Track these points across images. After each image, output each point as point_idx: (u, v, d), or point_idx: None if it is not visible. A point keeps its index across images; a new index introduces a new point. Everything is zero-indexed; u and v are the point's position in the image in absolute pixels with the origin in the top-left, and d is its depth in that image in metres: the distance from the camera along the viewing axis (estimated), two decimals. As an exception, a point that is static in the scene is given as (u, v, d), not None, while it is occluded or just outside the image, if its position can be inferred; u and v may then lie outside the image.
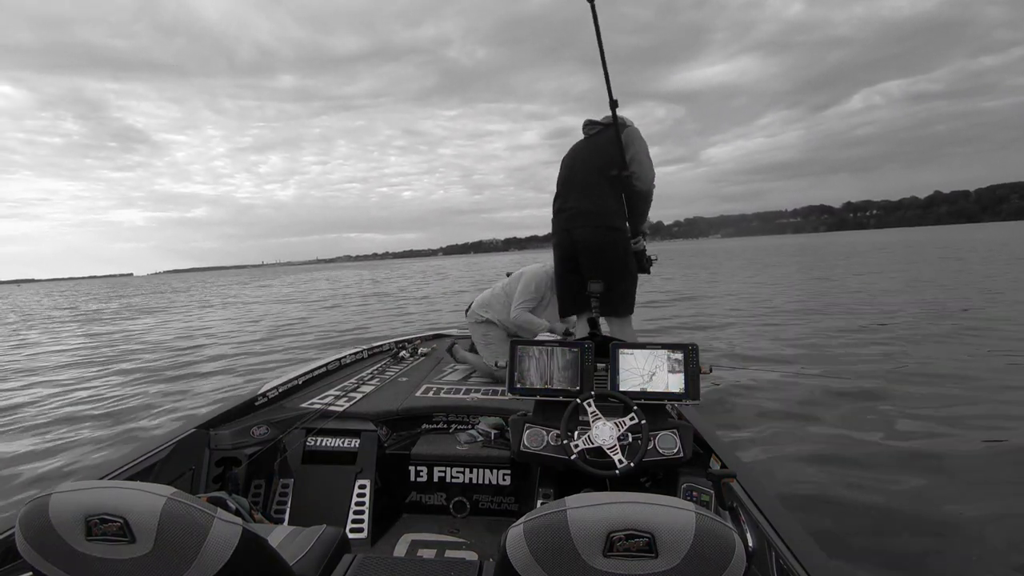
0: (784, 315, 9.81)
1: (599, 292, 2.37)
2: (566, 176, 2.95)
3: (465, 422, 2.57)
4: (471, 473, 2.35)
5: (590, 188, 2.81)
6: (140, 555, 0.86)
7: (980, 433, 3.72)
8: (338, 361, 3.42)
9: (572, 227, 2.83)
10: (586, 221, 2.80)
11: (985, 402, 4.36)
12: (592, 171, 2.81)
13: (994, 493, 2.91)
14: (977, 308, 9.03)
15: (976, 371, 5.25)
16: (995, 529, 2.56)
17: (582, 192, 2.84)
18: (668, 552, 0.76)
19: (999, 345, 6.31)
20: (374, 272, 53.76)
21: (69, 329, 15.08)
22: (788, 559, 1.23)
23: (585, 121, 2.98)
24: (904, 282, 14.09)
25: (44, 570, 0.89)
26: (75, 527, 0.85)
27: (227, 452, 2.19)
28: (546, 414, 1.87)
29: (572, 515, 0.79)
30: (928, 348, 6.43)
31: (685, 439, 1.76)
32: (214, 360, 8.03)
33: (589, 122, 2.95)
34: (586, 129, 2.95)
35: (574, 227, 2.83)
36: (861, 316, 9.02)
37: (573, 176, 2.91)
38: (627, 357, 1.89)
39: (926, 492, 2.94)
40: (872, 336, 7.32)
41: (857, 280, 15.48)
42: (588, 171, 2.84)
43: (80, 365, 8.44)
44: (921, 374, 5.30)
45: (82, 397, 6.16)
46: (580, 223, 2.81)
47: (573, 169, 2.93)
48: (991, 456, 3.35)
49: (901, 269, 18.48)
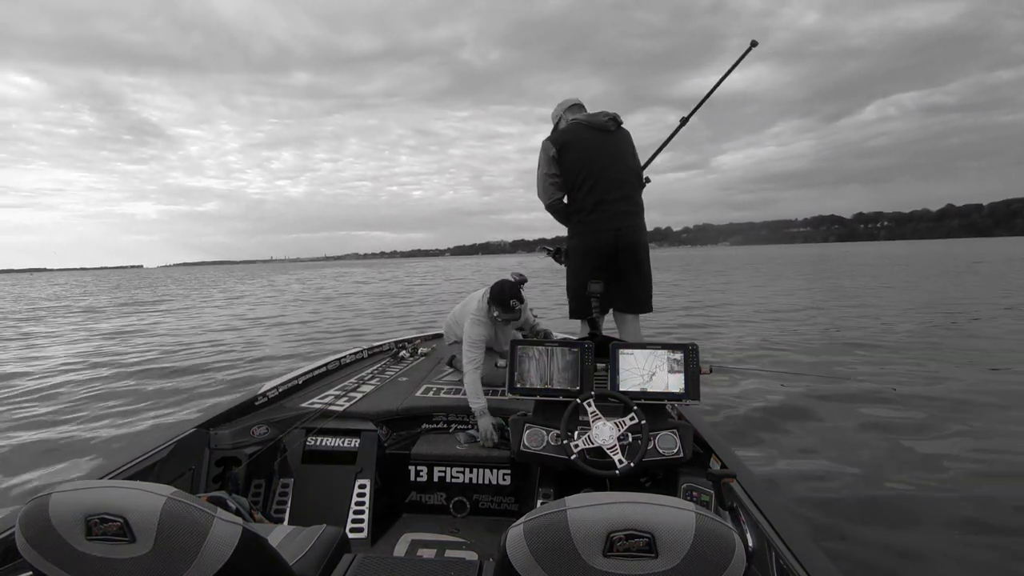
0: (788, 316, 9.82)
1: (599, 292, 2.37)
2: (597, 170, 2.63)
3: (465, 422, 2.57)
4: (471, 473, 2.35)
5: (629, 185, 2.66)
6: (140, 555, 0.86)
7: (982, 431, 3.73)
8: (338, 361, 3.42)
9: (623, 225, 2.61)
10: (635, 221, 2.66)
11: (989, 405, 4.37)
12: (627, 169, 2.67)
13: (994, 493, 2.91)
14: (988, 318, 9.04)
15: (983, 380, 5.24)
16: (996, 529, 2.57)
17: (622, 188, 2.64)
18: (668, 552, 0.76)
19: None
20: (380, 272, 53.61)
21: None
22: (788, 559, 1.23)
23: (601, 112, 2.71)
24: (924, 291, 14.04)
25: (44, 569, 0.89)
26: (75, 527, 0.85)
27: (227, 452, 2.19)
28: (546, 414, 1.87)
29: (572, 515, 0.79)
30: (935, 355, 6.43)
31: (685, 439, 1.75)
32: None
33: (607, 115, 2.69)
34: (606, 123, 2.66)
35: (624, 225, 2.61)
36: (866, 321, 9.04)
37: (607, 171, 2.64)
38: (627, 357, 1.89)
39: (926, 491, 2.94)
40: (878, 341, 7.33)
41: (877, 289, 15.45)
42: (622, 168, 2.66)
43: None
44: (924, 376, 5.31)
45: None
46: (629, 222, 2.64)
47: (603, 163, 2.64)
48: (992, 457, 3.36)
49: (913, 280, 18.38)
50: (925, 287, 15.42)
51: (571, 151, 2.63)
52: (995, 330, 7.81)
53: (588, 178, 2.60)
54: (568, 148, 2.63)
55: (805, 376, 5.51)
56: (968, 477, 3.11)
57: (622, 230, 2.58)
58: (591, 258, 2.64)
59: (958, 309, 10.18)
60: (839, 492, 2.98)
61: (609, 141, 2.65)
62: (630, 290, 2.65)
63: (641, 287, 2.67)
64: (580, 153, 2.62)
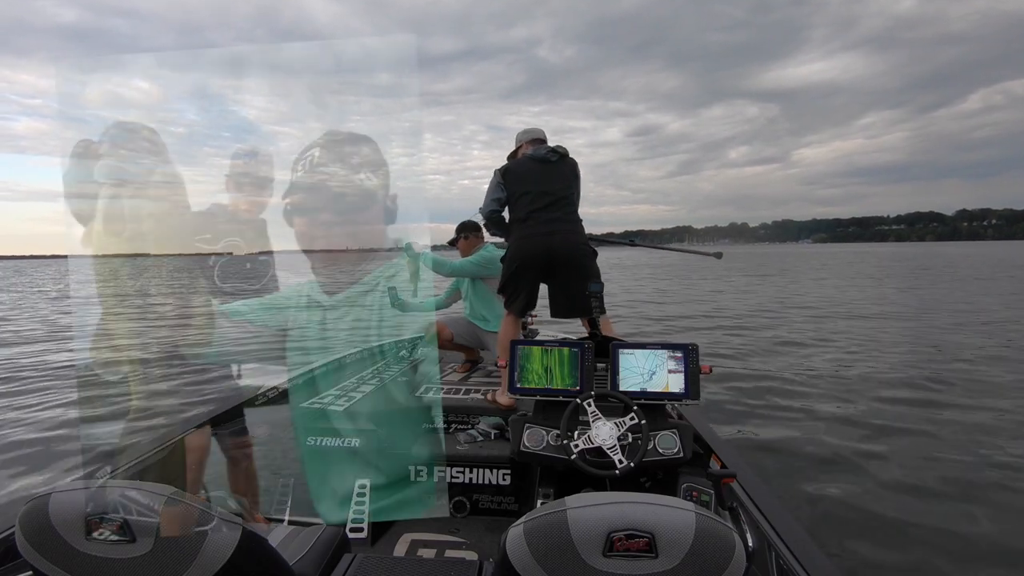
0: (792, 317, 9.81)
1: (599, 292, 2.38)
2: (533, 188, 2.91)
3: (465, 422, 2.57)
4: (471, 473, 2.35)
5: (564, 201, 2.90)
6: (140, 555, 0.86)
7: (982, 435, 3.73)
8: (338, 361, 3.42)
9: (556, 230, 2.85)
10: (570, 227, 2.90)
11: (992, 410, 4.36)
12: (562, 188, 2.90)
13: (995, 494, 2.91)
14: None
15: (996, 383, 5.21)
16: (996, 529, 2.57)
17: (556, 204, 2.89)
18: (668, 552, 0.76)
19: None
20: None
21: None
22: (788, 559, 1.23)
23: (547, 148, 2.96)
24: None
25: (44, 569, 0.89)
26: (75, 526, 0.85)
27: (227, 451, 2.19)
28: (546, 414, 1.87)
29: (572, 515, 0.79)
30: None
31: (685, 439, 1.75)
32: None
33: (550, 148, 2.95)
34: (547, 155, 2.92)
35: (558, 230, 2.85)
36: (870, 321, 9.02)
37: (543, 188, 2.91)
38: (627, 357, 1.89)
39: (926, 492, 2.94)
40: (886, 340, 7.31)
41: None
42: (558, 187, 2.91)
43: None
44: (929, 379, 5.30)
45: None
46: (562, 227, 2.88)
47: (540, 185, 2.92)
48: (993, 459, 3.35)
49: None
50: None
51: (513, 175, 2.95)
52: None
53: (525, 195, 2.89)
54: (511, 173, 2.96)
55: (808, 375, 5.52)
56: (975, 476, 3.11)
57: (555, 234, 2.80)
58: (523, 261, 2.87)
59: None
60: (840, 492, 2.98)
61: (548, 168, 2.90)
62: (566, 293, 2.80)
63: (580, 290, 2.71)
64: (522, 177, 2.94)
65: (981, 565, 2.34)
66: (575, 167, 2.97)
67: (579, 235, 2.89)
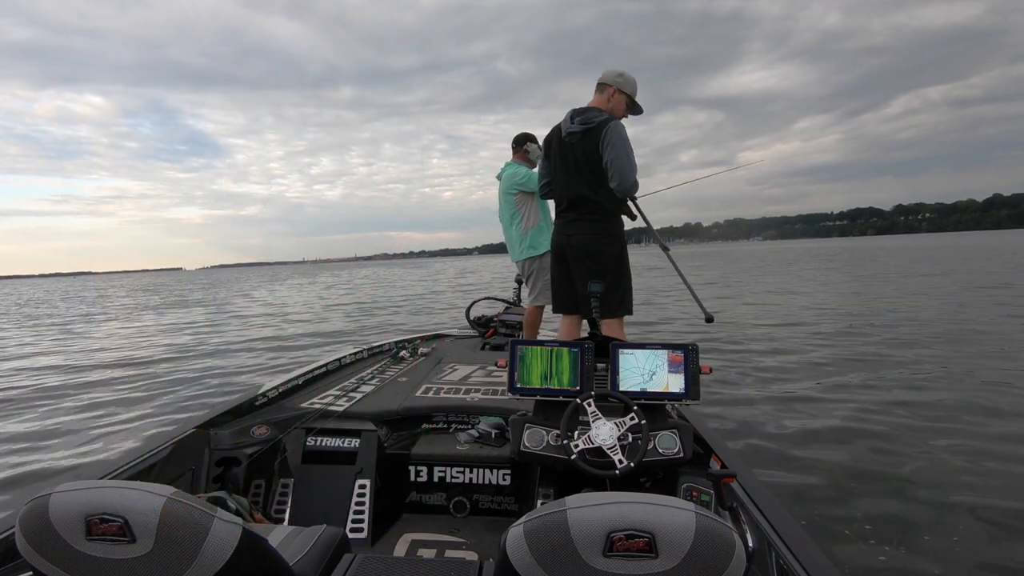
0: (795, 316, 9.81)
1: (599, 292, 2.38)
2: (559, 185, 3.03)
3: (465, 422, 2.57)
4: (471, 473, 2.34)
5: (584, 201, 2.95)
6: (140, 555, 0.86)
7: (983, 434, 3.72)
8: (338, 361, 3.42)
9: (572, 232, 2.98)
10: (586, 228, 2.98)
11: (993, 408, 4.36)
12: (582, 183, 2.92)
13: (994, 497, 2.91)
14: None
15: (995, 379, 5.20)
16: (996, 531, 2.56)
17: (573, 206, 2.98)
18: (668, 552, 0.76)
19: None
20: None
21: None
22: (788, 559, 1.23)
23: (568, 115, 2.85)
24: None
25: (44, 570, 0.89)
26: (75, 527, 0.85)
27: (227, 452, 2.19)
28: (546, 414, 1.87)
29: (572, 515, 0.79)
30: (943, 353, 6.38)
31: (685, 439, 1.75)
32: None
33: (571, 122, 2.83)
34: (571, 131, 2.80)
35: (574, 232, 2.97)
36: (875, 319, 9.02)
37: (563, 184, 3.00)
38: (627, 357, 1.89)
39: (926, 492, 2.94)
40: (889, 339, 7.30)
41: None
42: (577, 182, 2.94)
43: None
44: (930, 380, 5.29)
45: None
46: (578, 228, 2.96)
47: (562, 179, 3.02)
48: (994, 462, 3.35)
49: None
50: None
51: (545, 166, 3.05)
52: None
53: (555, 189, 3.00)
54: (544, 164, 3.07)
55: (808, 375, 5.51)
56: (976, 476, 3.11)
57: (572, 236, 2.89)
58: (554, 257, 3.04)
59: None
60: (840, 492, 2.98)
61: (567, 159, 2.86)
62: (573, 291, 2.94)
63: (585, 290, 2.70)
64: (553, 168, 2.98)
65: (981, 565, 2.34)
66: (597, 140, 2.68)
67: (594, 234, 2.84)
